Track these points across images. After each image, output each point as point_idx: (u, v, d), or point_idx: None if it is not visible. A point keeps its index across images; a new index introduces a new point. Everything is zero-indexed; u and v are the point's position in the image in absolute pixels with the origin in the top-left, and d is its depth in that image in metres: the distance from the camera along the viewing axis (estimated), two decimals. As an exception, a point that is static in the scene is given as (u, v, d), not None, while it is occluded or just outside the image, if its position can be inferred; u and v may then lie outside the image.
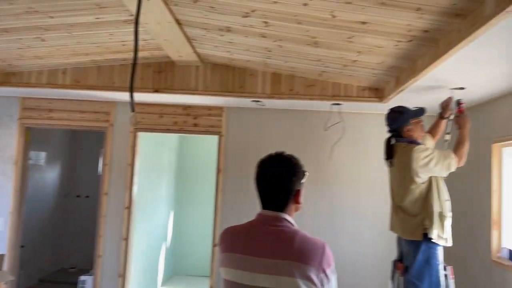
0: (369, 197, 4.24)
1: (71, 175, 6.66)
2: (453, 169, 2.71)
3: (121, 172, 4.38)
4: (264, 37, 2.90)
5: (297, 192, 1.57)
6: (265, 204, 1.58)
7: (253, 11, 2.48)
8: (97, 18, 2.78)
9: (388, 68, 3.08)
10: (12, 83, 3.90)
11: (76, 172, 6.69)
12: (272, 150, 1.63)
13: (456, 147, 2.75)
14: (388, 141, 2.98)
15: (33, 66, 3.76)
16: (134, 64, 2.44)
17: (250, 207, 1.56)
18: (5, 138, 4.41)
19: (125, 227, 4.34)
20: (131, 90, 2.38)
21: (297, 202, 1.58)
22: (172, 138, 6.24)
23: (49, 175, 6.11)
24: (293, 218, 1.57)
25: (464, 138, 2.77)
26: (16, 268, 4.42)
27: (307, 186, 1.60)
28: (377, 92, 3.70)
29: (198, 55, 3.58)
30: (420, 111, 2.89)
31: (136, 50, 2.49)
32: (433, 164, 2.65)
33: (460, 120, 2.85)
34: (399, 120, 2.86)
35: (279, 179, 1.55)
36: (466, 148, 2.75)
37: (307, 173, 1.62)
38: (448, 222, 2.68)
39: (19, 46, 3.20)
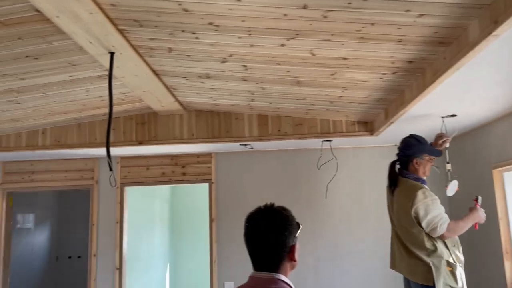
0: (369, 234, 4.05)
1: (61, 236, 6.40)
2: (434, 235, 2.48)
3: (110, 230, 4.17)
4: (245, 80, 2.81)
5: (292, 248, 1.41)
6: (257, 265, 1.41)
7: (230, 55, 2.39)
8: (71, 76, 2.69)
9: (376, 101, 2.99)
10: (-10, 148, 3.75)
11: (66, 232, 6.43)
12: (264, 194, 1.50)
13: (455, 221, 2.55)
14: (392, 166, 2.78)
15: (10, 129, 3.63)
16: (109, 122, 2.32)
17: (247, 259, 1.38)
18: (-14, 205, 4.21)
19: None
20: (108, 149, 2.25)
21: (292, 259, 1.41)
22: (163, 189, 6.05)
23: (39, 238, 5.86)
24: (288, 278, 1.40)
25: (467, 222, 2.59)
26: None
27: (303, 231, 1.44)
28: (367, 126, 3.59)
29: (181, 103, 3.48)
30: (437, 152, 2.70)
31: (111, 107, 2.38)
32: (429, 215, 2.48)
33: (474, 211, 2.64)
34: (415, 149, 2.65)
35: (270, 235, 1.39)
36: (460, 229, 2.54)
37: (301, 225, 1.46)
38: (459, 271, 2.46)
39: (-8, 110, 3.09)
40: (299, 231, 1.44)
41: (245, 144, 3.84)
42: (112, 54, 2.32)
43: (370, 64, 2.33)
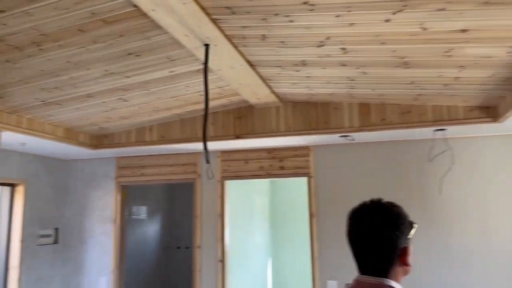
0: (498, 232, 3.53)
1: (171, 227, 6.80)
2: None
3: (212, 223, 4.26)
4: (344, 65, 2.60)
5: (404, 251, 1.20)
6: (363, 268, 1.23)
7: (327, 38, 2.21)
8: (170, 72, 2.75)
9: (502, 81, 2.55)
10: (105, 145, 4.07)
11: (174, 224, 6.81)
12: (367, 189, 1.31)
13: None
14: None
15: (121, 127, 3.89)
16: (205, 115, 2.30)
17: (350, 256, 1.21)
18: (104, 198, 4.60)
19: (220, 282, 4.15)
20: (204, 142, 2.23)
21: (404, 263, 1.21)
22: (262, 183, 6.06)
23: (151, 228, 6.28)
24: (401, 285, 1.20)
25: None
26: (120, 326, 4.45)
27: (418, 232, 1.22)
28: (490, 111, 3.12)
29: (277, 95, 3.39)
30: None
31: (207, 100, 2.37)
32: None
33: None
34: None
35: (378, 234, 1.21)
36: None
37: (415, 225, 1.25)
38: None
39: (104, 109, 3.31)
40: (413, 231, 1.23)
41: (345, 136, 3.61)
42: (207, 46, 2.29)
43: (496, 36, 1.97)
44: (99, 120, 3.61)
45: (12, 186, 4.11)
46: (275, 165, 4.17)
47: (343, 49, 2.34)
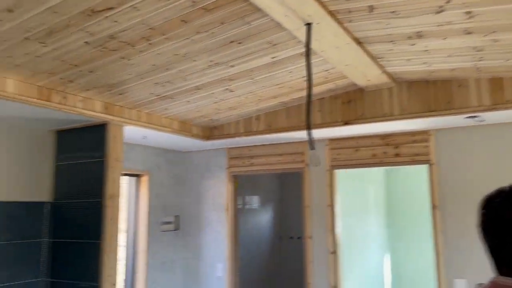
0: None
1: (283, 217, 6.83)
2: None
3: (322, 213, 4.13)
4: (469, 33, 2.24)
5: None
6: (502, 267, 1.01)
7: (448, 1, 1.91)
8: (273, 58, 2.68)
9: None
10: (215, 136, 4.21)
11: (286, 213, 6.83)
12: (499, 177, 1.05)
13: None
14: None
15: (230, 118, 3.97)
16: (309, 98, 2.18)
17: (481, 252, 0.98)
18: (217, 187, 4.78)
19: (333, 274, 4.01)
20: (308, 126, 2.12)
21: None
22: (376, 172, 5.72)
23: (263, 218, 6.39)
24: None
25: None
26: (236, 312, 4.59)
27: None
28: None
29: (389, 75, 3.10)
30: None
31: (310, 83, 2.25)
32: None
33: None
34: None
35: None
36: None
37: None
38: None
39: (213, 100, 3.39)
40: None
41: (473, 117, 3.16)
42: (308, 25, 2.16)
43: None
44: (209, 112, 3.73)
45: (138, 176, 4.49)
46: (390, 152, 3.86)
47: (468, 13, 2.01)
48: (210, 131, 4.25)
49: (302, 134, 3.93)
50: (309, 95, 2.13)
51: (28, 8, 1.84)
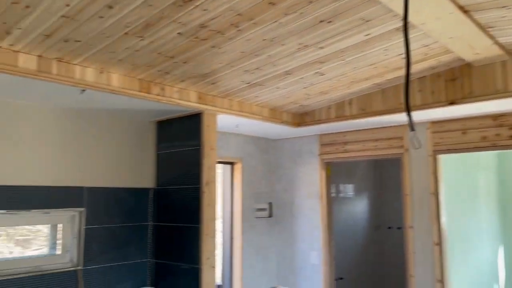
0: None
1: (380, 205, 6.54)
2: None
3: (425, 202, 3.84)
4: None
5: None
6: None
7: None
8: (366, 35, 2.52)
9: None
10: (307, 122, 4.13)
11: (384, 202, 6.53)
12: None
13: None
14: None
15: (321, 103, 3.86)
16: (407, 76, 2.00)
17: None
18: (310, 174, 4.71)
19: (438, 267, 3.71)
20: (407, 105, 1.94)
21: None
22: (486, 156, 5.16)
23: (359, 207, 6.18)
24: None
25: None
26: (333, 301, 4.52)
27: None
28: None
29: (502, 46, 2.74)
30: None
31: (408, 59, 2.06)
32: None
33: None
34: None
35: None
36: None
37: None
38: None
39: (303, 85, 3.32)
40: None
41: None
42: (405, -5, 1.98)
43: None
44: (299, 98, 3.66)
45: (231, 164, 4.61)
46: (504, 134, 3.44)
47: None
48: (301, 118, 4.19)
49: (400, 117, 3.68)
50: (407, 74, 1.95)
51: (126, 3, 1.94)
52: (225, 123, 3.92)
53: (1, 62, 2.26)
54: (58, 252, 3.17)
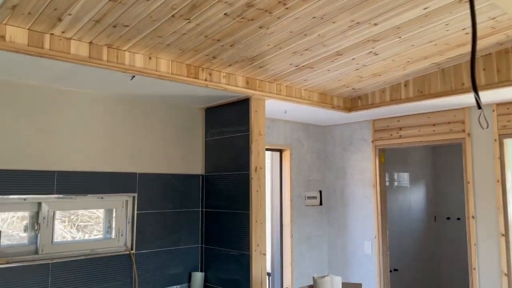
0: None
1: (437, 195, 6.22)
2: None
3: (489, 190, 3.56)
4: None
5: None
6: None
7: None
8: (425, 9, 2.33)
9: None
10: (359, 107, 3.96)
11: (442, 191, 6.19)
12: None
13: None
14: None
15: (374, 86, 3.67)
16: (473, 48, 1.81)
17: None
18: (362, 161, 4.53)
19: (504, 260, 3.44)
20: (473, 80, 1.76)
21: None
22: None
23: (415, 196, 5.90)
24: None
25: None
26: (387, 293, 4.35)
27: None
28: None
29: None
30: None
31: (474, 30, 1.86)
32: None
33: None
34: None
35: None
36: None
37: None
38: None
39: (355, 67, 3.16)
40: None
41: None
42: (471, -41, 1.78)
43: None
44: (351, 81, 3.50)
45: (280, 151, 4.54)
46: None
47: None
48: (353, 102, 4.02)
49: (461, 99, 3.42)
50: (473, 45, 1.77)
51: (171, -16, 1.91)
52: (273, 109, 3.84)
53: (55, 50, 2.32)
54: (113, 236, 3.27)
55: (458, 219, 6.00)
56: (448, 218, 6.14)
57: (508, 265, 3.43)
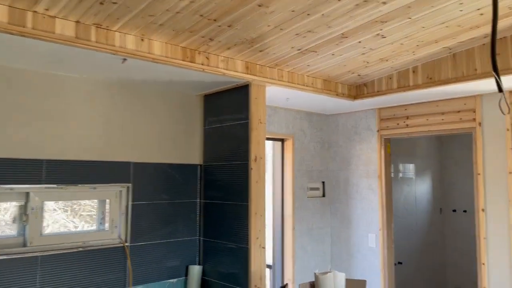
0: None
1: (443, 187, 6.06)
2: None
3: (500, 182, 3.39)
4: None
5: None
6: None
7: None
8: (438, -15, 2.15)
9: None
10: (365, 94, 3.78)
11: (448, 183, 6.03)
12: None
13: None
14: None
15: (381, 72, 3.49)
16: (494, 23, 1.63)
17: None
18: (367, 152, 4.37)
19: (515, 255, 3.29)
20: (494, 59, 1.59)
21: None
22: None
23: (420, 188, 5.74)
24: None
25: None
26: (392, 285, 4.20)
27: None
28: None
29: None
30: None
31: (495, 5, 1.68)
32: None
33: None
34: None
35: None
36: None
37: None
38: None
39: (361, 51, 2.98)
40: None
41: None
42: None
43: None
44: (357, 66, 3.32)
45: (282, 141, 4.38)
46: None
47: None
48: (358, 89, 3.84)
49: (473, 86, 3.24)
50: (494, 20, 1.59)
51: (160, -46, 1.74)
52: (274, 96, 3.67)
53: (38, 29, 2.16)
54: (106, 228, 3.13)
55: (465, 211, 5.84)
56: (454, 211, 5.99)
57: (519, 261, 3.28)
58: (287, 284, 4.00)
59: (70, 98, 2.93)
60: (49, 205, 3.16)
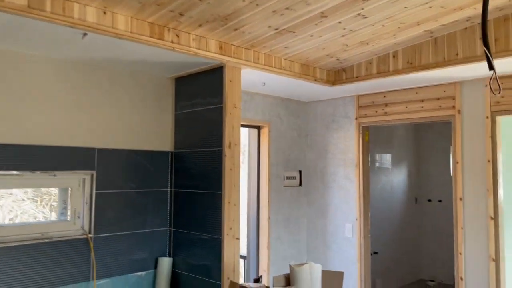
0: None
1: (419, 177, 6.05)
2: None
3: (479, 171, 3.34)
4: None
5: None
6: None
7: None
8: (423, -40, 2.01)
9: None
10: (343, 80, 3.66)
11: (424, 173, 6.03)
12: None
13: None
14: None
15: (361, 56, 3.37)
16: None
17: None
18: (345, 140, 4.27)
19: (492, 244, 3.25)
20: (484, 33, 1.47)
21: None
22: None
23: (396, 178, 5.71)
24: None
25: None
26: (368, 275, 4.13)
27: None
28: None
29: None
30: None
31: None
32: None
33: None
34: None
35: None
36: None
37: None
38: None
39: (341, 32, 2.84)
40: None
41: None
42: None
43: None
44: (336, 50, 3.18)
45: (258, 128, 4.22)
46: None
47: None
48: (337, 75, 3.72)
49: (453, 72, 3.16)
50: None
51: None
52: (251, 81, 3.51)
53: (-17, -5, 1.92)
54: (68, 218, 2.91)
55: (440, 201, 5.86)
56: (430, 200, 6.00)
57: (496, 250, 3.24)
58: (261, 276, 3.88)
59: (28, 77, 2.68)
60: (18, 194, 2.94)
